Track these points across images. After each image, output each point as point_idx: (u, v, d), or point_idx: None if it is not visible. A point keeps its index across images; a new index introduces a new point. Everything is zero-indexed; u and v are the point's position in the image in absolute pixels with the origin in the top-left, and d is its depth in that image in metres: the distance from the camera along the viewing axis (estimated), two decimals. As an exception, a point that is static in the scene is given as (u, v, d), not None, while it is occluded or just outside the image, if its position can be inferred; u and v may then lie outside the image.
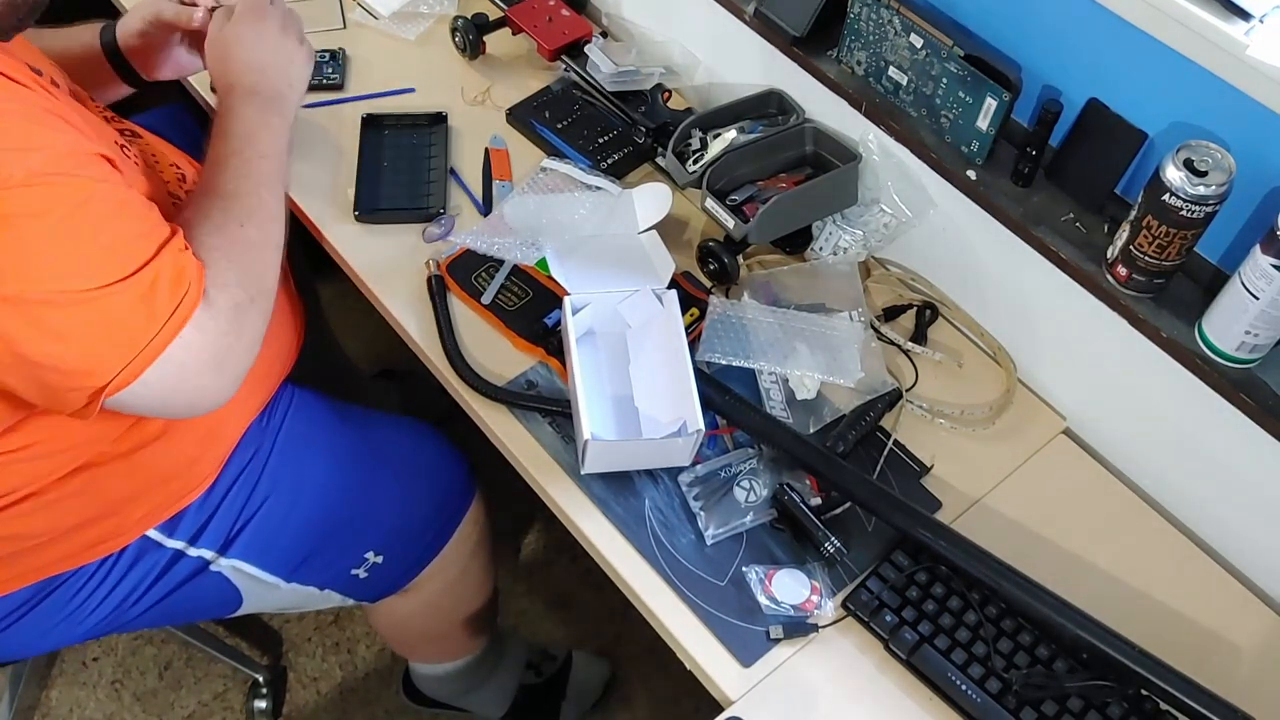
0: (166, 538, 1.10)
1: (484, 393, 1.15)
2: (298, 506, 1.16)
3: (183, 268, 0.91)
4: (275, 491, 1.15)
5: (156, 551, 1.11)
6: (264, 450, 1.15)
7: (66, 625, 1.11)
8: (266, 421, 1.16)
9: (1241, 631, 1.06)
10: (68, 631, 1.12)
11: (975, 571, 1.01)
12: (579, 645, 1.71)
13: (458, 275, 1.24)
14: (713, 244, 1.23)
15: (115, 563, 1.09)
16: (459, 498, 1.32)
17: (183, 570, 1.12)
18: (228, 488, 1.12)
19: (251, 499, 1.14)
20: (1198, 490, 1.11)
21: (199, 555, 1.12)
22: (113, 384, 0.87)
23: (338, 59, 1.48)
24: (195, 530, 1.11)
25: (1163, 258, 0.97)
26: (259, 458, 1.14)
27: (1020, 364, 1.22)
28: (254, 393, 1.15)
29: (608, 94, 1.39)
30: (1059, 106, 1.03)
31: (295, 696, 1.71)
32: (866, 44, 1.16)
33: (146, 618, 1.16)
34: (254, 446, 1.14)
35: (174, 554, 1.11)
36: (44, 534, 1.04)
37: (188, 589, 1.14)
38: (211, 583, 1.15)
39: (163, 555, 1.11)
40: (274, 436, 1.16)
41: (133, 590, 1.11)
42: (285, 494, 1.15)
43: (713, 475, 1.11)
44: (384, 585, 1.28)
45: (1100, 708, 0.96)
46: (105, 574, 1.09)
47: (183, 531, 1.11)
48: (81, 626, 1.12)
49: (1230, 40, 0.85)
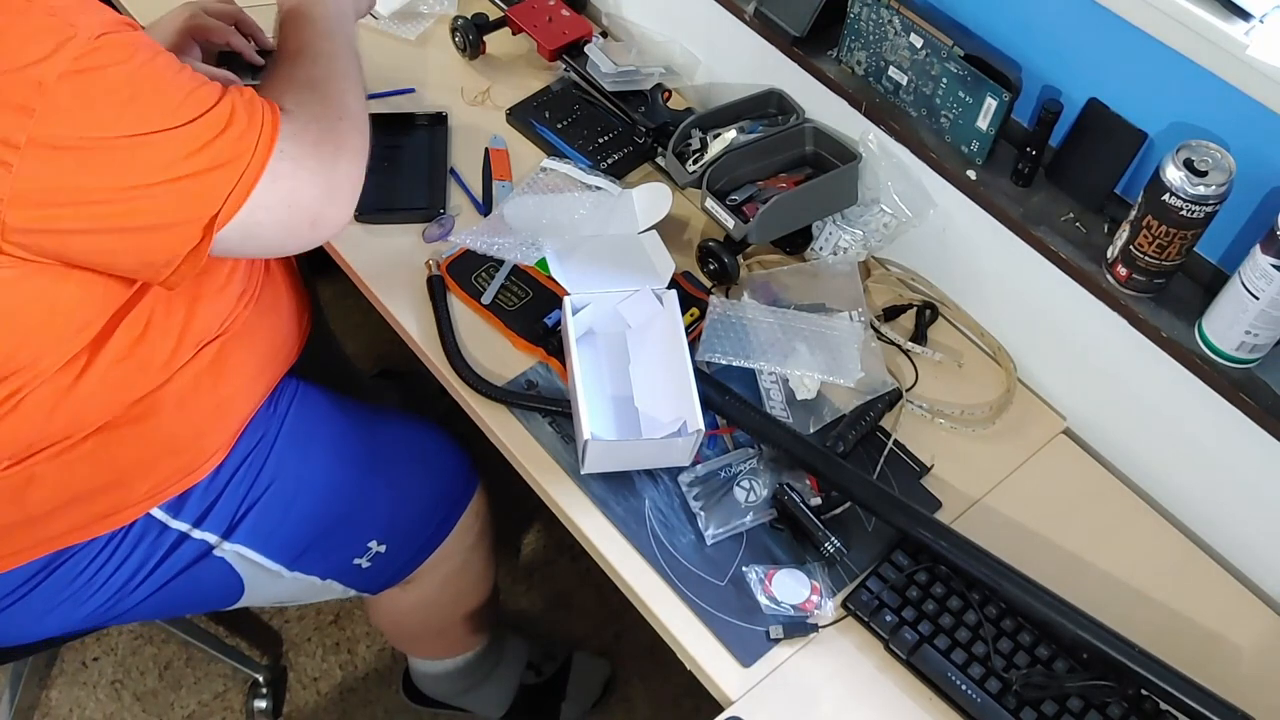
0: (171, 518, 1.10)
1: (484, 393, 1.15)
2: (302, 494, 1.16)
3: (251, 95, 0.92)
4: (280, 478, 1.15)
5: (161, 532, 1.11)
6: (269, 436, 1.15)
7: (68, 606, 1.10)
8: (272, 408, 1.17)
9: (1241, 631, 1.06)
10: (67, 614, 1.11)
11: (975, 571, 1.01)
12: (579, 645, 1.71)
13: (458, 275, 1.24)
14: (713, 244, 1.23)
15: (121, 541, 1.09)
16: (461, 488, 1.32)
17: (186, 554, 1.12)
18: (233, 471, 1.12)
19: (256, 484, 1.14)
20: (1197, 490, 1.11)
21: (203, 539, 1.12)
22: (224, 209, 0.88)
23: None
24: (200, 513, 1.11)
25: (1163, 258, 0.97)
26: (264, 443, 1.14)
27: (1020, 364, 1.22)
28: (261, 374, 1.15)
29: (608, 94, 1.39)
30: (1059, 106, 1.03)
31: (295, 696, 1.71)
32: (866, 44, 1.16)
33: (147, 605, 1.15)
34: (260, 432, 1.14)
35: (178, 536, 1.11)
36: (50, 500, 1.03)
37: (190, 574, 1.14)
38: (214, 568, 1.14)
39: (167, 537, 1.11)
40: (279, 424, 1.16)
41: (136, 571, 1.11)
42: (290, 481, 1.15)
43: (713, 475, 1.11)
44: (386, 576, 1.28)
45: (1100, 708, 0.96)
46: (111, 552, 1.09)
47: (188, 513, 1.11)
48: (82, 609, 1.11)
49: (1230, 40, 0.85)
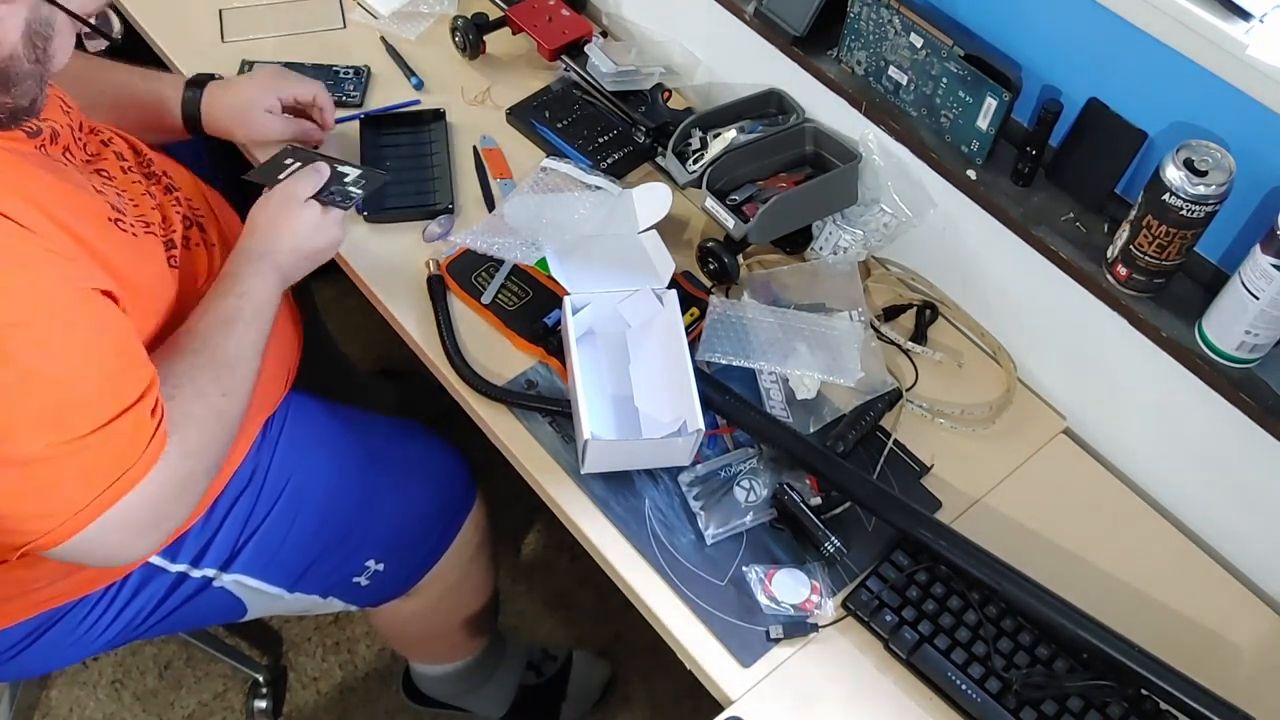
0: (170, 563, 1.10)
1: (484, 392, 1.15)
2: (299, 518, 1.15)
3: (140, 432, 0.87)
4: (275, 506, 1.14)
5: (160, 577, 1.10)
6: (263, 467, 1.14)
7: (75, 649, 1.11)
8: (264, 435, 1.15)
9: (1241, 631, 1.06)
10: (76, 653, 1.12)
11: (975, 571, 1.01)
12: (579, 645, 1.71)
13: (457, 275, 1.24)
14: (713, 244, 1.23)
15: (119, 590, 1.09)
16: (459, 502, 1.31)
17: (187, 590, 1.12)
18: (228, 508, 1.12)
19: (252, 516, 1.13)
20: (1197, 490, 1.11)
21: (202, 575, 1.12)
22: (30, 546, 0.85)
23: (361, 76, 1.46)
24: (197, 553, 1.11)
25: (1163, 257, 0.97)
26: (259, 474, 1.14)
27: (1020, 364, 1.22)
28: (254, 418, 1.13)
29: (608, 94, 1.39)
30: (1059, 106, 1.03)
31: (295, 696, 1.71)
32: (866, 43, 1.16)
33: (154, 632, 1.16)
34: (253, 464, 1.13)
35: (177, 577, 1.11)
36: (48, 576, 1.04)
37: (192, 605, 1.14)
38: (215, 597, 1.14)
39: (166, 580, 1.11)
40: (272, 449, 1.15)
41: (138, 614, 1.11)
42: (286, 507, 1.15)
43: (713, 475, 1.11)
44: (386, 591, 1.27)
45: (1100, 708, 0.96)
46: (110, 601, 1.09)
47: (185, 555, 1.10)
48: (90, 648, 1.12)
49: (1230, 40, 0.85)
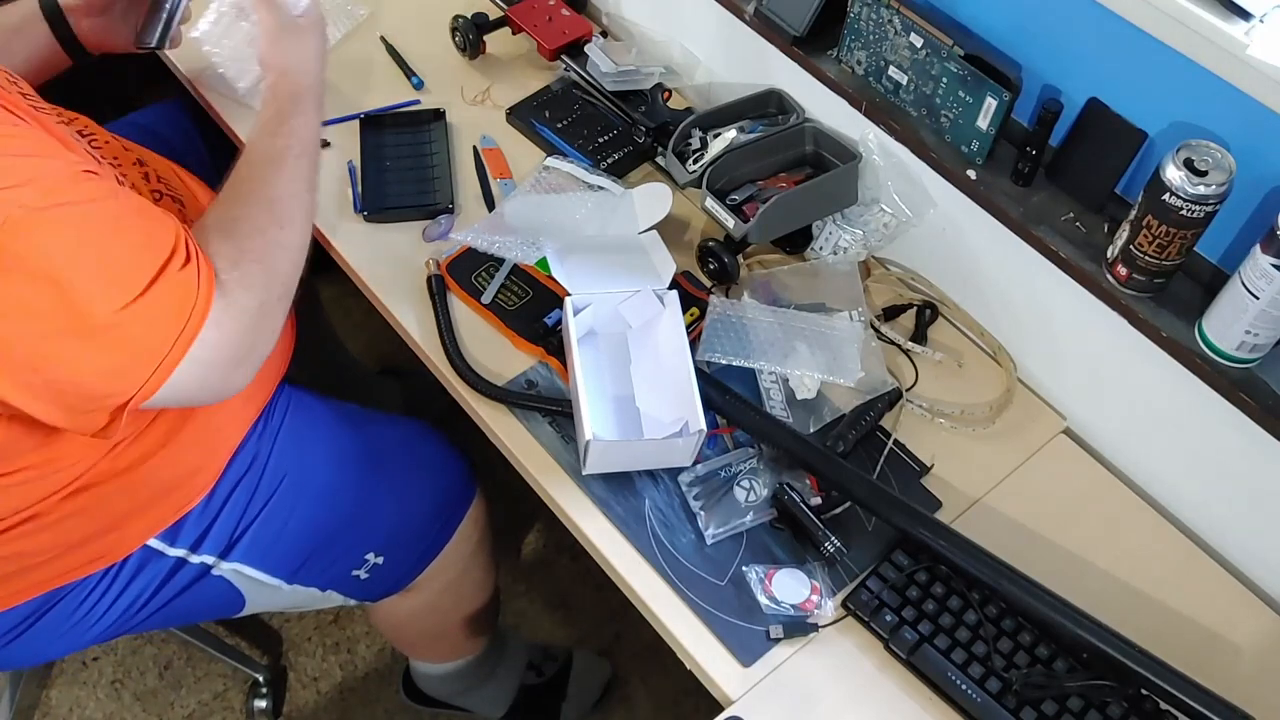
0: (168, 546, 1.10)
1: (484, 392, 1.15)
2: (298, 509, 1.16)
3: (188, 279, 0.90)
4: (275, 495, 1.14)
5: (159, 560, 1.11)
6: (263, 454, 1.15)
7: (72, 635, 1.11)
8: (265, 425, 1.16)
9: (1241, 631, 1.06)
10: (74, 640, 1.12)
11: (975, 571, 1.01)
12: (579, 645, 1.71)
13: (458, 274, 1.24)
14: (713, 244, 1.23)
15: (118, 573, 1.09)
16: (459, 497, 1.31)
17: (185, 577, 1.12)
18: (228, 493, 1.12)
19: (252, 503, 1.13)
20: (1197, 490, 1.11)
21: (200, 561, 1.12)
22: (133, 400, 0.88)
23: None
24: (196, 538, 1.11)
25: (1163, 257, 0.97)
26: (258, 462, 1.14)
27: (1020, 364, 1.22)
28: (251, 399, 1.14)
29: (608, 94, 1.39)
30: (1059, 106, 1.03)
31: (295, 696, 1.71)
32: (866, 43, 1.16)
33: (151, 622, 1.16)
34: (253, 451, 1.14)
35: (176, 562, 1.11)
36: (46, 551, 1.04)
37: (190, 594, 1.14)
38: (214, 586, 1.15)
39: (165, 564, 1.11)
40: (273, 440, 1.16)
41: (136, 599, 1.11)
42: (285, 497, 1.15)
43: (713, 475, 1.11)
44: (385, 585, 1.28)
45: (1100, 707, 0.96)
46: (108, 585, 1.09)
47: (184, 539, 1.11)
48: (87, 635, 1.12)
49: (1230, 40, 0.85)
